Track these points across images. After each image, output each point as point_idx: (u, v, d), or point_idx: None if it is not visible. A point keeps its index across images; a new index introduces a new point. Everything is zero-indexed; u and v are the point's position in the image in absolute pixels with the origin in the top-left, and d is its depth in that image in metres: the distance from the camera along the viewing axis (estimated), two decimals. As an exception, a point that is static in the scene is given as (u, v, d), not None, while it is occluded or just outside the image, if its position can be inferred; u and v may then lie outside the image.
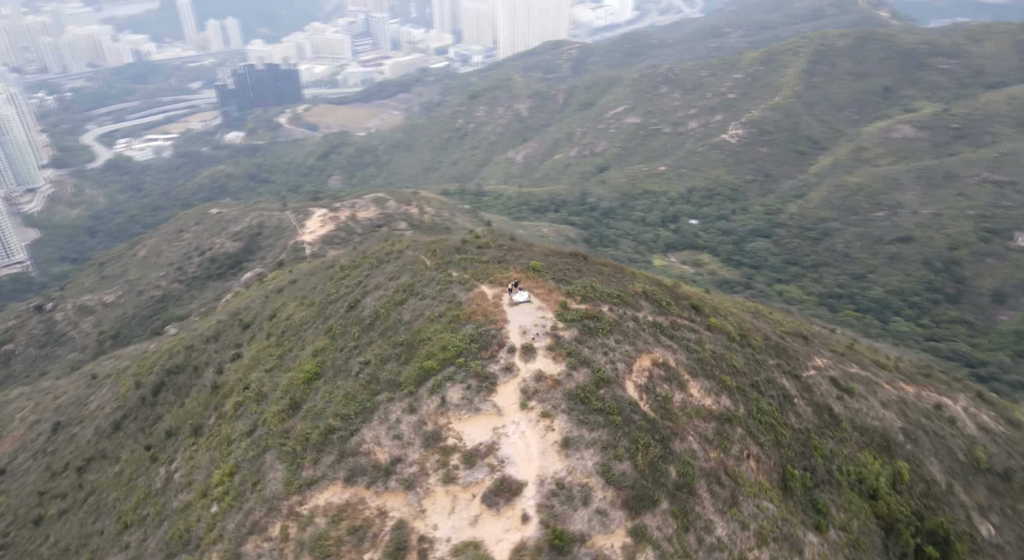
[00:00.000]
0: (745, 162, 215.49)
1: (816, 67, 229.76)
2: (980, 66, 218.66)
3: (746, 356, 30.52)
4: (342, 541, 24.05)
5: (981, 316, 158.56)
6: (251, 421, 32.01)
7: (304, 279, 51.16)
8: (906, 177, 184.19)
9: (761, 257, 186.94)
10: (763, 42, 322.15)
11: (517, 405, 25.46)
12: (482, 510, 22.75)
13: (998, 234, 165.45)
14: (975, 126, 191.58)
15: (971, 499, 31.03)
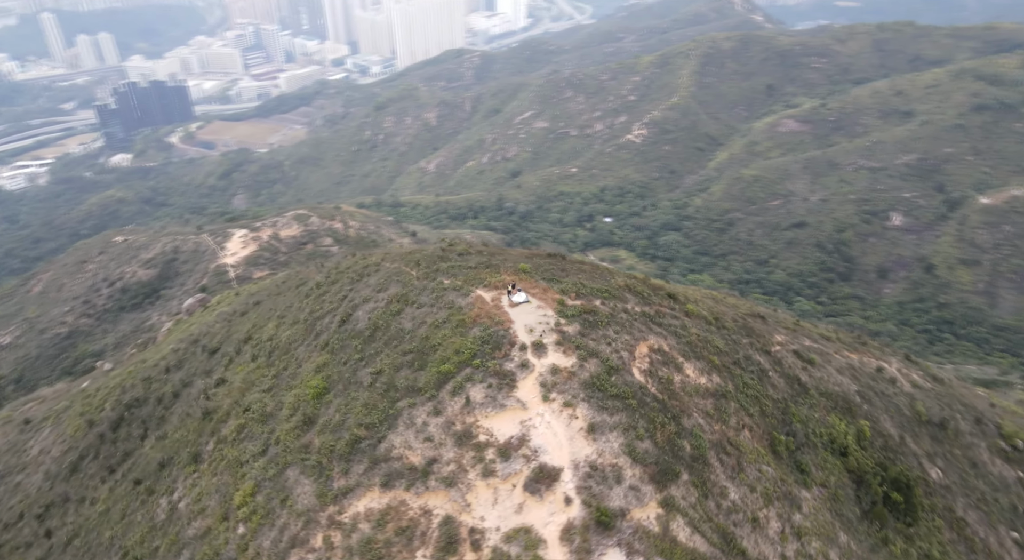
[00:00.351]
0: (651, 160, 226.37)
1: (707, 68, 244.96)
2: (847, 64, 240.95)
3: (723, 337, 33.95)
4: (391, 543, 25.14)
5: (869, 290, 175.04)
6: (261, 441, 32.08)
7: (270, 300, 50.46)
8: (794, 167, 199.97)
9: (674, 250, 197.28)
10: (655, 46, 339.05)
11: (539, 398, 27.43)
12: (525, 498, 24.55)
13: (876, 215, 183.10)
14: (848, 118, 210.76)
15: (920, 448, 35.97)
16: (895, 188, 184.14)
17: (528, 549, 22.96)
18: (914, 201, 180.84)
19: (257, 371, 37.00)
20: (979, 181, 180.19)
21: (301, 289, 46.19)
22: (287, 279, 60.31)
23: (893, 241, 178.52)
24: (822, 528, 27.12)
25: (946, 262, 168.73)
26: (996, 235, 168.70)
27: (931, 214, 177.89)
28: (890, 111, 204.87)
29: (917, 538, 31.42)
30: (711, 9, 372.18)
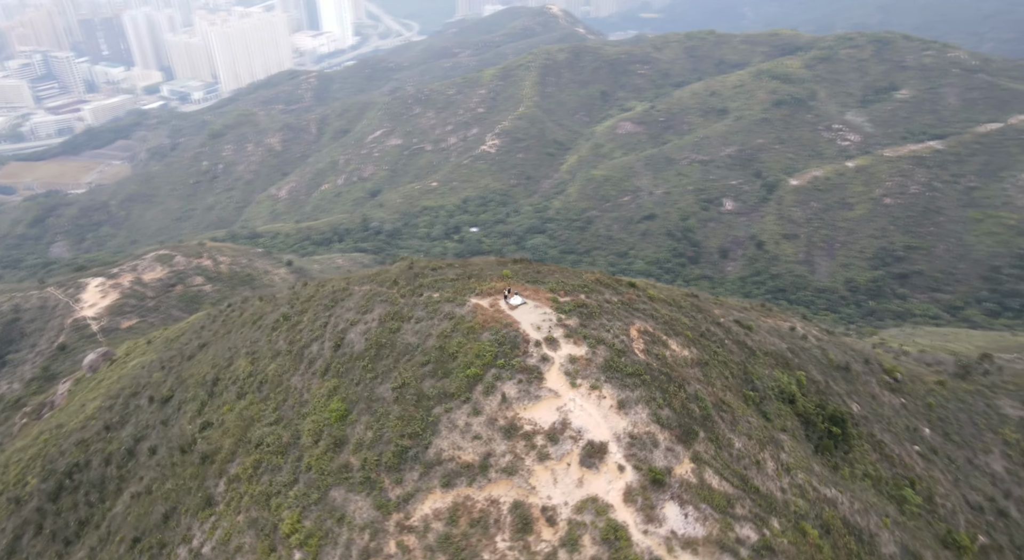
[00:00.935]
0: (507, 168, 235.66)
1: (546, 79, 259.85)
2: (666, 69, 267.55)
3: (685, 314, 39.39)
4: (468, 535, 27.27)
5: (715, 270, 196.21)
6: (288, 471, 32.11)
7: (220, 339, 48.47)
8: (638, 165, 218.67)
9: (541, 251, 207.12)
10: (492, 60, 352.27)
11: (567, 385, 30.78)
12: (583, 472, 27.82)
13: (712, 202, 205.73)
14: (676, 118, 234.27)
15: (839, 388, 43.96)
16: (724, 177, 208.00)
17: (599, 515, 26.29)
18: (740, 187, 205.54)
19: (253, 407, 36.38)
20: (787, 166, 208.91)
21: (261, 323, 45.26)
22: (217, 317, 57.74)
23: (728, 224, 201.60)
24: (801, 462, 33.16)
25: (772, 238, 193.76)
26: (807, 211, 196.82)
27: (755, 198, 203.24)
28: (708, 109, 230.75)
29: (855, 462, 38.88)
30: (537, 23, 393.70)
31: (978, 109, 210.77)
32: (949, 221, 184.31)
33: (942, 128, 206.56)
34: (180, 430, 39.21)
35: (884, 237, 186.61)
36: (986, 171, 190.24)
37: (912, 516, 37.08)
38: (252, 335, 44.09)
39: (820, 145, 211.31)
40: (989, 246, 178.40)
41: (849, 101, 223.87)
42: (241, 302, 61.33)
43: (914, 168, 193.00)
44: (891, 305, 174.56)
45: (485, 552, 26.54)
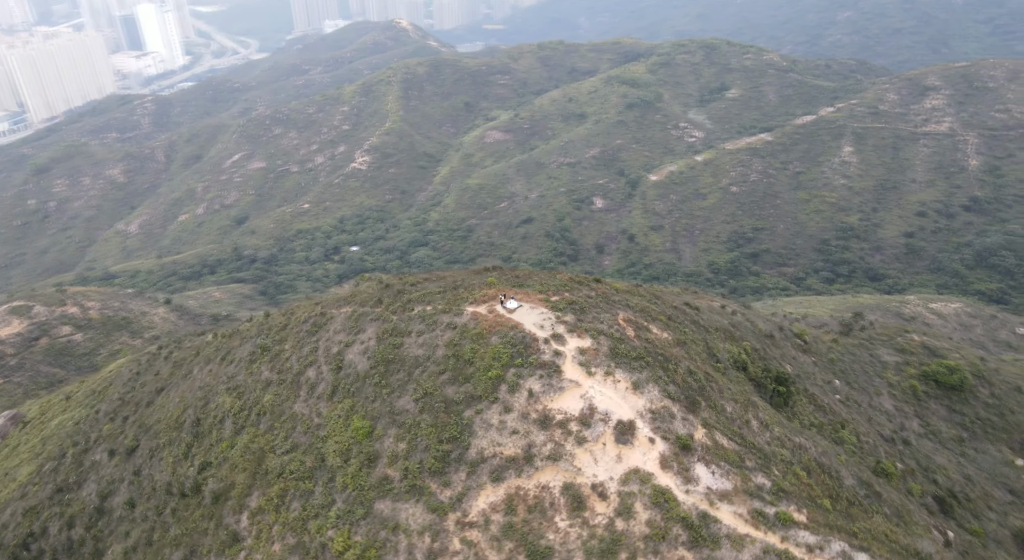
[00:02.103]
0: (380, 184, 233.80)
1: (409, 93, 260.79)
2: (524, 78, 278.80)
3: (649, 302, 43.91)
4: (528, 520, 29.60)
5: (594, 265, 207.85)
6: (322, 493, 32.23)
7: (180, 382, 45.70)
8: (510, 172, 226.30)
9: (426, 264, 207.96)
10: (345, 76, 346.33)
11: (585, 374, 33.90)
12: (619, 449, 31.08)
13: (584, 202, 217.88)
14: (539, 124, 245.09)
15: (773, 354, 50.76)
16: (591, 177, 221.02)
17: (644, 483, 29.71)
18: (607, 186, 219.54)
19: (258, 439, 35.54)
20: (645, 163, 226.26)
21: (231, 358, 43.59)
22: (153, 361, 54.09)
23: (601, 221, 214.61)
24: (774, 418, 38.73)
25: (641, 231, 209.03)
26: (668, 204, 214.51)
27: (621, 194, 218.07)
28: (569, 115, 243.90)
29: (799, 414, 45.49)
30: (388, 38, 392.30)
31: (793, 104, 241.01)
32: (785, 203, 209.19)
33: (768, 122, 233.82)
34: (168, 476, 37.31)
35: (735, 222, 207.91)
36: (807, 157, 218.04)
37: (850, 453, 44.21)
38: (226, 371, 42.64)
39: (671, 142, 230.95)
40: (818, 222, 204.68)
41: (690, 101, 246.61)
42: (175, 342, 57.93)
43: (751, 158, 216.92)
44: (748, 282, 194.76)
45: (548, 532, 29.03)
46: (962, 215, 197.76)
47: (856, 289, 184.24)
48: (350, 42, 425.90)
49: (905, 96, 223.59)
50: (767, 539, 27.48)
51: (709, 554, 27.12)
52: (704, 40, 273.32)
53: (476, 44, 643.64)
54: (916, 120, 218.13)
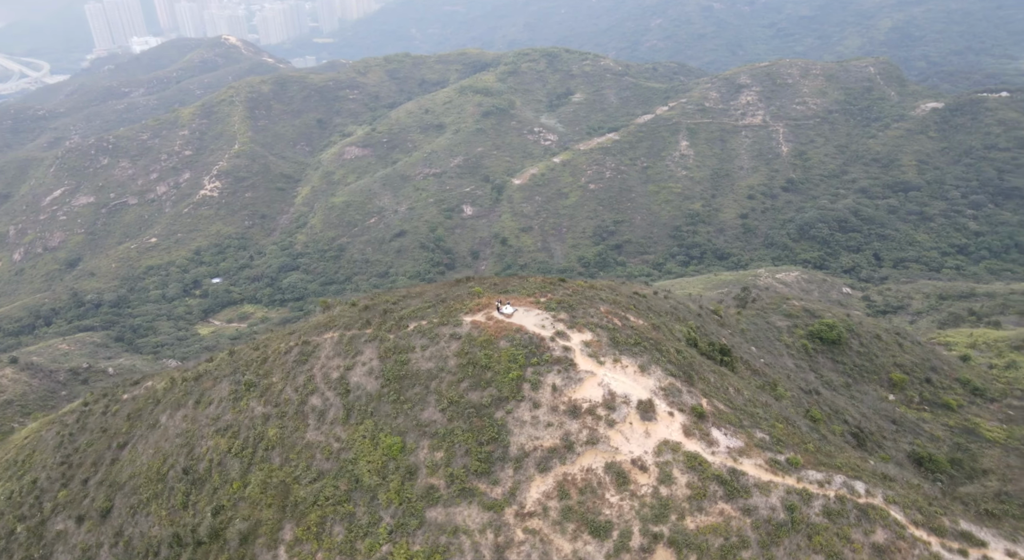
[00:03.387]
0: (237, 210, 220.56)
1: (256, 112, 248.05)
2: (375, 92, 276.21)
3: (613, 294, 47.79)
4: (583, 501, 32.02)
5: (472, 271, 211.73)
6: (366, 513, 32.14)
7: (148, 433, 41.56)
8: (376, 187, 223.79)
9: (301, 288, 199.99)
10: (175, 97, 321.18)
11: (596, 364, 36.80)
12: (645, 425, 34.36)
13: (454, 210, 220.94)
14: (398, 137, 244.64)
15: (710, 327, 56.83)
16: (458, 186, 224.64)
17: (675, 451, 33.24)
18: (474, 193, 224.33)
19: (276, 474, 34.07)
20: (508, 168, 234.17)
21: (206, 399, 40.79)
22: (85, 418, 48.62)
23: (472, 228, 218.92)
24: (740, 383, 44.24)
25: (512, 234, 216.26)
26: (534, 205, 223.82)
27: (489, 200, 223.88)
28: (427, 126, 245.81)
29: (742, 378, 51.82)
30: (217, 55, 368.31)
31: (632, 105, 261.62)
32: (638, 196, 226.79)
33: (613, 122, 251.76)
34: (166, 530, 34.77)
35: (597, 217, 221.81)
36: (651, 152, 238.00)
37: (788, 406, 51.26)
38: (206, 414, 40.17)
39: (528, 147, 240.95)
40: (668, 212, 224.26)
41: (540, 107, 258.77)
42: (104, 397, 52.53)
43: (604, 157, 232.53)
44: (616, 271, 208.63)
45: (604, 509, 31.76)
46: (783, 195, 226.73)
47: (708, 268, 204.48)
48: (172, 61, 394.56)
49: (724, 94, 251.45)
50: (786, 482, 32.22)
51: (744, 503, 31.28)
52: (545, 49, 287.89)
53: (308, 59, 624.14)
54: (736, 114, 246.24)
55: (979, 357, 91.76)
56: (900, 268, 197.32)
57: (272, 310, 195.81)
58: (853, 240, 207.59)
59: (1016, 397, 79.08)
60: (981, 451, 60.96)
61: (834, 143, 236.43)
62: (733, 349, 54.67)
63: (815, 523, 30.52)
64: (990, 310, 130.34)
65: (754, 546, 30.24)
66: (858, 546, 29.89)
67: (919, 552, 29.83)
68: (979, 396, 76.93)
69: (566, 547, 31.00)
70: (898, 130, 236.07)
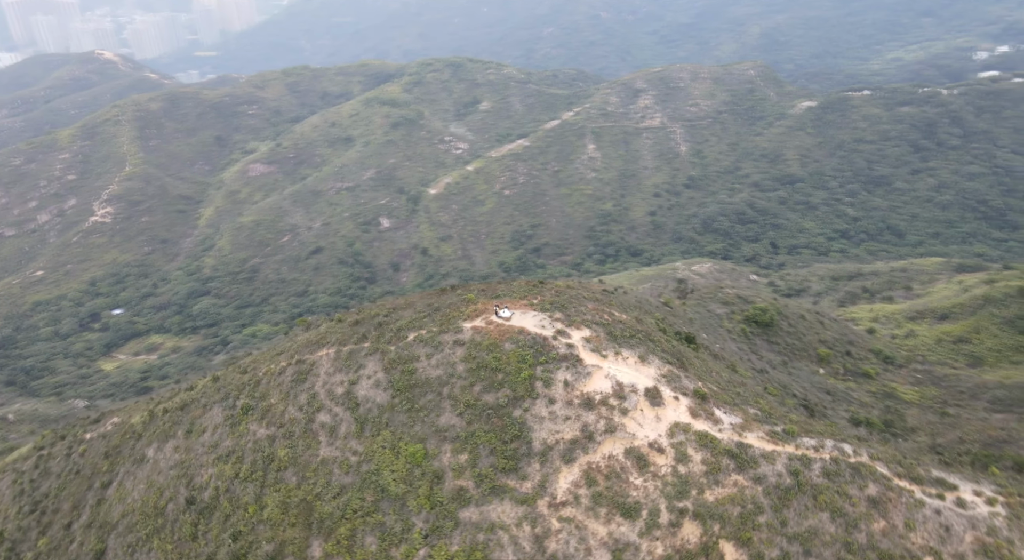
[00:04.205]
0: (134, 236, 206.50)
1: (146, 132, 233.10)
2: (276, 107, 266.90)
3: (591, 291, 49.90)
4: (610, 486, 33.76)
5: (393, 284, 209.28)
6: (397, 521, 32.05)
7: (136, 470, 38.71)
8: (286, 204, 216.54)
9: (214, 313, 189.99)
10: (44, 118, 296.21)
11: (600, 358, 38.64)
12: (655, 411, 36.57)
13: (370, 223, 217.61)
14: (305, 152, 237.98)
15: (675, 318, 60.25)
16: (372, 199, 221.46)
17: (687, 432, 35.62)
18: (390, 205, 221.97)
19: (295, 493, 33.23)
20: (421, 178, 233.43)
21: (198, 428, 38.74)
22: (45, 462, 44.72)
23: (391, 240, 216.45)
24: (716, 366, 47.61)
25: (432, 243, 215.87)
26: (451, 214, 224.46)
27: (405, 211, 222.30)
28: (335, 139, 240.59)
29: (707, 362, 55.57)
30: (91, 72, 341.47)
31: (538, 111, 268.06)
32: (552, 199, 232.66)
33: (521, 129, 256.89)
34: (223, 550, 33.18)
35: (514, 222, 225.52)
36: (561, 157, 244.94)
37: (752, 385, 55.44)
38: (202, 442, 38.41)
39: (440, 156, 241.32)
40: (582, 213, 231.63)
41: (448, 116, 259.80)
42: (61, 438, 48.57)
43: (516, 163, 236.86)
44: (536, 274, 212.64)
45: (630, 491, 33.72)
46: (685, 192, 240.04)
47: (624, 265, 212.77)
48: (37, 79, 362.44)
49: (624, 98, 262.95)
50: (787, 450, 35.45)
51: (754, 472, 34.16)
52: (449, 58, 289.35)
53: (191, 73, 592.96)
54: (636, 117, 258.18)
55: (882, 329, 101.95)
56: (794, 254, 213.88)
57: (184, 339, 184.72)
58: (751, 231, 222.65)
59: (919, 362, 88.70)
60: (905, 412, 68.18)
61: (726, 141, 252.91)
62: (696, 337, 58.37)
63: (817, 484, 33.81)
64: (879, 287, 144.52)
65: (768, 510, 33.10)
66: (856, 500, 33.42)
67: (906, 500, 33.76)
68: (890, 364, 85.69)
69: (601, 530, 32.64)
70: (780, 128, 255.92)
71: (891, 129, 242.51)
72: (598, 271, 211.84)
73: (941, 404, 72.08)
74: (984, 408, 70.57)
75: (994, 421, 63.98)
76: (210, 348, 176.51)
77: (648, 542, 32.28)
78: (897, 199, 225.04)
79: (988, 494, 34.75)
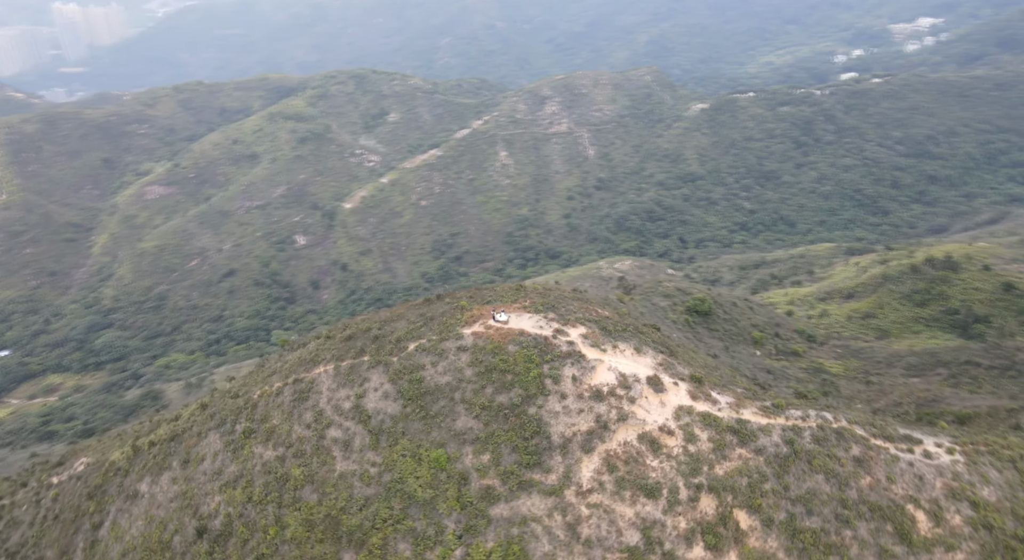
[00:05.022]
0: (17, 270, 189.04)
1: (22, 156, 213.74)
2: (169, 125, 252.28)
3: (565, 293, 51.73)
4: (631, 470, 35.64)
5: (315, 302, 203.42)
6: (429, 525, 32.54)
7: (130, 506, 35.90)
8: (191, 226, 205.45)
9: (119, 347, 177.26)
10: None
11: (600, 352, 40.41)
12: (659, 397, 38.78)
13: (286, 242, 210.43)
14: (207, 171, 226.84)
15: (637, 310, 63.50)
16: (286, 216, 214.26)
17: (691, 414, 38.05)
18: (305, 222, 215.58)
19: (317, 510, 32.53)
20: (336, 193, 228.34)
21: (196, 455, 36.76)
22: (24, 504, 40.78)
23: (309, 258, 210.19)
24: (697, 351, 50.75)
25: (352, 259, 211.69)
26: (369, 227, 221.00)
27: (321, 227, 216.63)
28: (239, 157, 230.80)
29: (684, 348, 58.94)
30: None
31: (447, 121, 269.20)
32: (469, 207, 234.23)
33: (432, 139, 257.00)
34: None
35: (433, 232, 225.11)
36: (475, 165, 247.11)
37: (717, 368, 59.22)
38: (203, 470, 36.73)
39: (353, 169, 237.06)
40: (499, 219, 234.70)
41: (357, 129, 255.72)
42: (24, 485, 44.48)
43: (431, 173, 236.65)
44: (460, 282, 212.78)
45: (649, 473, 35.87)
46: (596, 194, 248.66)
47: (544, 268, 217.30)
48: None
49: (531, 105, 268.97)
50: (779, 422, 38.80)
51: (755, 445, 37.19)
52: (352, 71, 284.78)
53: (57, 91, 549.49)
54: (544, 124, 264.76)
55: (798, 311, 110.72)
56: (701, 247, 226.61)
57: (87, 376, 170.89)
58: (661, 227, 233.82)
59: (836, 338, 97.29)
60: (837, 383, 74.86)
61: (630, 143, 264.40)
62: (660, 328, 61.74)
63: (810, 450, 37.30)
64: (785, 273, 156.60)
65: (771, 478, 36.17)
66: (844, 461, 37.15)
67: (884, 456, 37.87)
68: (813, 342, 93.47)
69: (628, 512, 34.48)
70: (678, 129, 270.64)
71: (775, 127, 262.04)
72: (520, 275, 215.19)
73: (864, 374, 79.67)
74: (901, 374, 78.71)
75: (914, 385, 71.68)
76: (120, 383, 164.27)
77: (672, 518, 34.43)
78: (786, 191, 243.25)
79: (947, 445, 39.52)
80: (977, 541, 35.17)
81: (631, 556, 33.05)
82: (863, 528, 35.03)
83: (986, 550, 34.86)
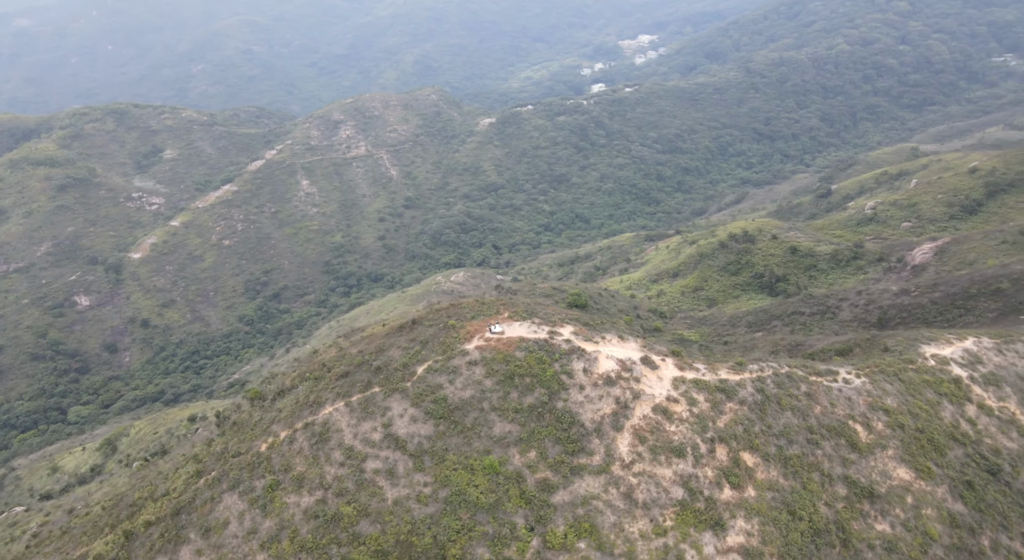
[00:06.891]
0: None
1: None
2: None
3: (554, 294, 54.11)
4: (658, 438, 40.08)
5: (115, 366, 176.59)
6: (501, 526, 33.74)
7: (164, 522, 29.77)
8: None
9: None
10: None
11: (595, 345, 43.99)
12: (655, 373, 43.16)
13: (64, 306, 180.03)
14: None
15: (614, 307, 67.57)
16: (58, 276, 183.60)
17: (684, 381, 43.65)
18: (84, 279, 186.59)
19: (384, 539, 31.14)
20: (117, 243, 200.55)
21: (224, 519, 32.30)
22: None
23: (97, 319, 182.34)
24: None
25: (153, 313, 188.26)
26: (167, 276, 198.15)
27: (107, 283, 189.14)
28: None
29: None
30: None
31: (234, 153, 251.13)
32: (279, 241, 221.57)
33: (222, 174, 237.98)
34: None
35: (243, 272, 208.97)
36: (276, 197, 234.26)
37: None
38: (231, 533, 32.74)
39: (133, 214, 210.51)
40: (314, 249, 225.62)
41: (128, 170, 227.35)
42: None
43: (229, 210, 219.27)
44: (284, 320, 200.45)
45: (673, 436, 40.91)
46: (407, 213, 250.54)
47: (369, 293, 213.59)
48: None
49: (325, 131, 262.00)
50: (747, 376, 46.25)
51: (738, 397, 44.11)
52: (108, 106, 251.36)
53: None
54: (341, 148, 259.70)
55: (639, 293, 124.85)
56: (515, 251, 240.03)
57: None
58: (474, 237, 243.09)
59: (681, 311, 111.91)
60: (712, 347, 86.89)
61: (430, 161, 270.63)
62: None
63: (776, 393, 45.22)
64: (606, 263, 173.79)
65: (757, 421, 43.32)
66: (800, 397, 45.66)
67: (822, 388, 47.01)
68: (665, 317, 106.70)
69: (667, 472, 39.00)
70: (472, 143, 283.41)
71: (557, 135, 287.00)
72: (346, 303, 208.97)
73: (719, 337, 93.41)
74: (745, 331, 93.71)
75: (762, 337, 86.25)
76: None
77: (701, 469, 39.69)
78: (577, 192, 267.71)
79: (854, 371, 50.02)
80: (897, 438, 45.50)
81: (682, 508, 37.55)
82: (827, 446, 43.49)
83: (904, 443, 45.30)
